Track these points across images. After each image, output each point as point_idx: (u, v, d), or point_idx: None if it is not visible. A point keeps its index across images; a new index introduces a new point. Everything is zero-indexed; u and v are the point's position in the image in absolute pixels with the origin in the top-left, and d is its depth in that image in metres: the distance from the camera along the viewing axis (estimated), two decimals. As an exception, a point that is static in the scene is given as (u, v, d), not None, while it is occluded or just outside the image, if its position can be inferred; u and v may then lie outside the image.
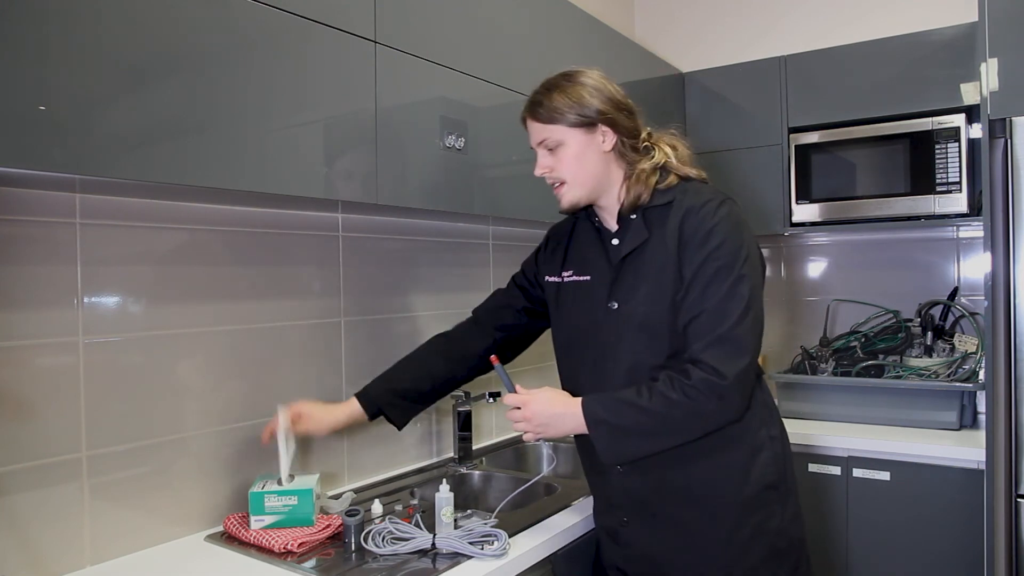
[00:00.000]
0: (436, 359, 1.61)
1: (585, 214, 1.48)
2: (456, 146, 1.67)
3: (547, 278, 1.53)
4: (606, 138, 1.36)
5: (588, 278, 1.43)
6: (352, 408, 1.54)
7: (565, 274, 1.48)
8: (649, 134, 1.42)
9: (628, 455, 1.31)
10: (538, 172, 1.40)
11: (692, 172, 1.39)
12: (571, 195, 1.38)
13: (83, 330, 1.31)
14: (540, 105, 1.36)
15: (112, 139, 1.06)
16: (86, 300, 1.32)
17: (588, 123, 1.34)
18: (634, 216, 1.37)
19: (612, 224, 1.42)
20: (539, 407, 1.33)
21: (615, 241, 1.41)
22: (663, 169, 1.38)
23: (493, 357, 1.44)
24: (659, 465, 1.33)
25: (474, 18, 1.75)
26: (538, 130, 1.37)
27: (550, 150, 1.37)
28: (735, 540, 1.32)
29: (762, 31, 2.94)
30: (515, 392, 1.37)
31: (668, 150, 1.40)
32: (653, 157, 1.39)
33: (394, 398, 1.55)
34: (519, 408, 1.35)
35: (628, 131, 1.37)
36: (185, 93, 1.15)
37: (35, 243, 1.25)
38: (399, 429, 1.58)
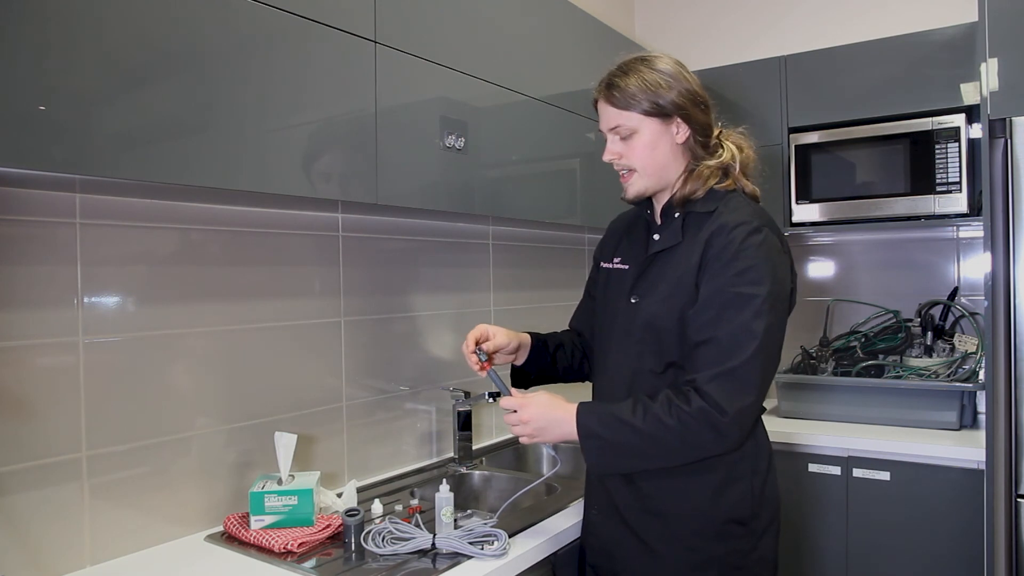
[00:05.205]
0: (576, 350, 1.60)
1: (645, 204, 1.43)
2: (456, 146, 1.67)
3: (602, 264, 1.51)
4: (680, 130, 1.31)
5: (628, 268, 1.41)
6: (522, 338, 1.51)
7: (615, 260, 1.45)
8: (720, 131, 1.37)
9: (616, 469, 1.31)
10: (607, 157, 1.35)
11: (748, 185, 1.35)
12: (639, 184, 1.34)
13: (83, 330, 1.31)
14: (616, 88, 1.29)
15: (112, 139, 1.06)
16: (86, 300, 1.32)
17: (664, 113, 1.29)
18: (677, 215, 1.34)
19: (659, 218, 1.39)
20: (536, 411, 1.30)
21: (656, 236, 1.37)
22: (725, 171, 1.34)
23: (486, 363, 1.41)
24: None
25: (474, 18, 1.75)
26: (612, 115, 1.31)
27: (622, 137, 1.32)
28: (689, 562, 1.29)
29: (762, 31, 2.94)
30: (511, 395, 1.35)
31: (735, 151, 1.35)
32: (721, 156, 1.33)
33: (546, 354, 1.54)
34: (515, 411, 1.32)
35: (701, 126, 1.32)
36: (185, 93, 1.15)
37: (35, 243, 1.25)
38: (531, 376, 1.54)
